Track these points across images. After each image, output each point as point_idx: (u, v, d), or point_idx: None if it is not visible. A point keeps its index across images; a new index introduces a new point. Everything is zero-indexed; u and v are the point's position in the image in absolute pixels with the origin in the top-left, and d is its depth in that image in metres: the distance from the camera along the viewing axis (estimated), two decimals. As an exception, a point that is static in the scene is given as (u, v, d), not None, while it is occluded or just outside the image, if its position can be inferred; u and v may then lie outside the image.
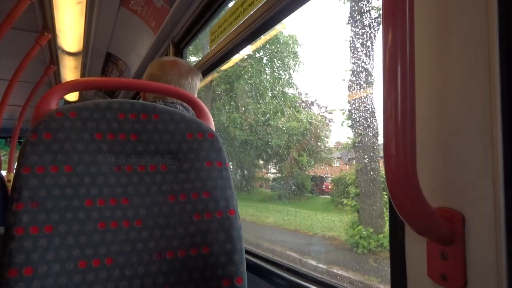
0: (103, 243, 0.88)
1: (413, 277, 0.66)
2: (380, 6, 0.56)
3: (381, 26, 0.56)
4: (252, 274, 1.25)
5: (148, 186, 0.96)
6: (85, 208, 0.88)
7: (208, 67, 2.07)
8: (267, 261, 1.33)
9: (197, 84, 1.50)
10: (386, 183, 0.55)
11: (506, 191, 0.52)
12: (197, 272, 0.94)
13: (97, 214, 0.89)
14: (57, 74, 4.33)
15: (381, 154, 0.67)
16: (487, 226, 0.54)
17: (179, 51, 2.50)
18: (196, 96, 1.52)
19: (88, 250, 0.86)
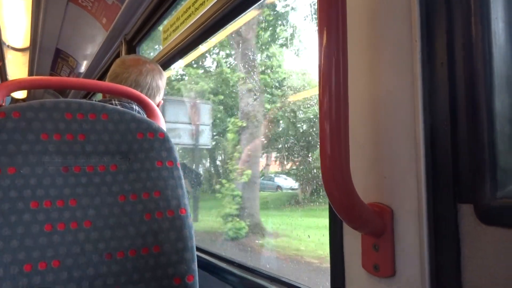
0: (50, 245, 0.87)
1: (349, 269, 0.70)
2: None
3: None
4: (203, 271, 1.27)
5: (97, 186, 0.96)
6: (30, 210, 0.86)
7: (161, 65, 2.06)
8: (219, 258, 1.35)
9: (159, 84, 1.46)
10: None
11: (428, 187, 0.57)
12: (148, 272, 0.95)
13: (44, 216, 0.87)
14: (3, 71, 4.13)
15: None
16: (412, 219, 0.59)
17: (132, 49, 2.46)
18: (160, 96, 1.49)
19: (34, 253, 0.85)
